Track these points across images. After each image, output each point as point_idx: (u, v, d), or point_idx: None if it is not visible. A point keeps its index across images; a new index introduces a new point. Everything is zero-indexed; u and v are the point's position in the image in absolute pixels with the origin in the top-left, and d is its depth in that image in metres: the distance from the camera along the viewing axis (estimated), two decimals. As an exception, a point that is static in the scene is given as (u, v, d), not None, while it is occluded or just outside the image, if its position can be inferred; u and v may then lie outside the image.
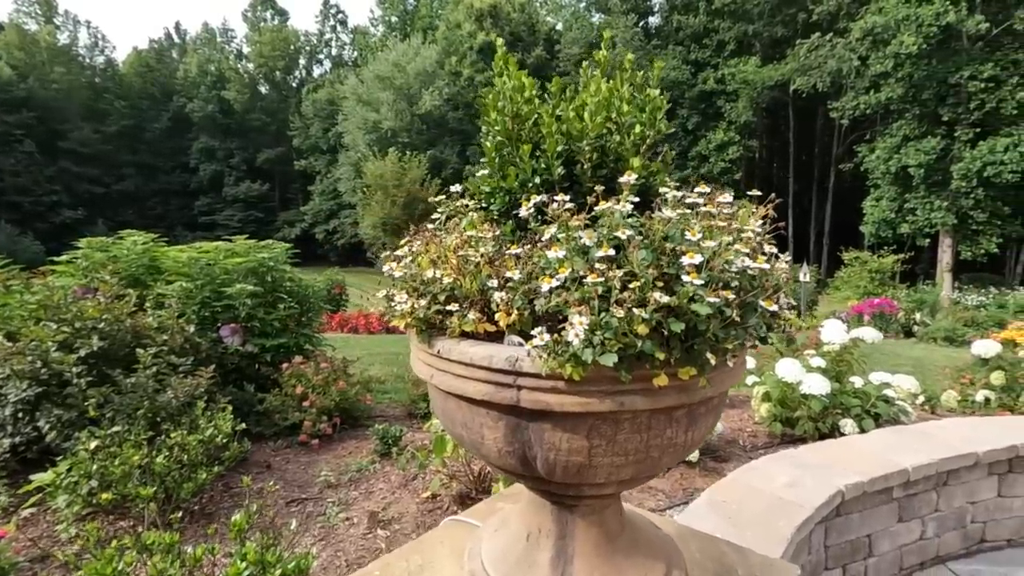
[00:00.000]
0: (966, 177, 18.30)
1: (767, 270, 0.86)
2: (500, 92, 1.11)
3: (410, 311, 0.99)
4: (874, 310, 10.71)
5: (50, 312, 3.43)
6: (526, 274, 0.92)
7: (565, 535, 1.08)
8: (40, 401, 3.10)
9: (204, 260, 4.48)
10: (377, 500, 3.16)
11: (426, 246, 1.07)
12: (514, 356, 0.87)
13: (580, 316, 0.79)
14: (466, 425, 0.99)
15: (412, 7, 48.73)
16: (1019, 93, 17.38)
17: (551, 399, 0.87)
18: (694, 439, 0.96)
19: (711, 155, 27.15)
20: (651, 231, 0.89)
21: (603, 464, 0.91)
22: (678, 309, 0.80)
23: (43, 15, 48.01)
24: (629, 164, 1.04)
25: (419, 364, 1.06)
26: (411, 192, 22.12)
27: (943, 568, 2.85)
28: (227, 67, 50.43)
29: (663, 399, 0.87)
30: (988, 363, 4.80)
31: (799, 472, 2.61)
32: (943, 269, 20.26)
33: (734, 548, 1.32)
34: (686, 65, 28.21)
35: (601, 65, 1.16)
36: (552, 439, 0.90)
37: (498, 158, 1.13)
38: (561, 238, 0.88)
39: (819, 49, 22.59)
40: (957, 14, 17.59)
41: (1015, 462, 2.92)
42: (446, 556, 1.30)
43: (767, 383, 4.00)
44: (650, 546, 1.15)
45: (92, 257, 4.48)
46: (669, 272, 0.83)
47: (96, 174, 42.20)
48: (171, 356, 3.50)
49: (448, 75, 33.29)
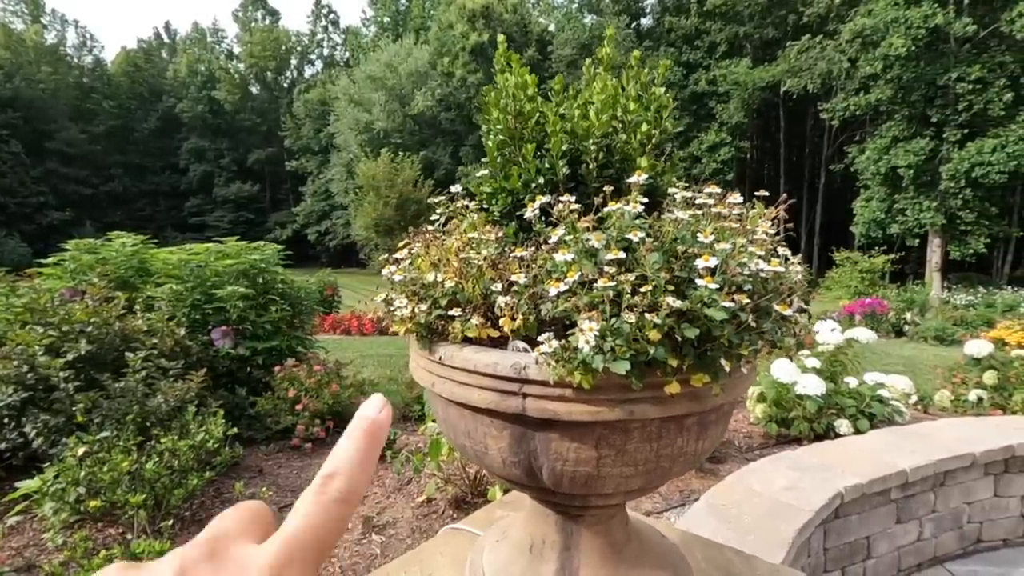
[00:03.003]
0: (954, 178, 18.50)
1: (782, 273, 0.84)
2: (502, 90, 1.08)
3: (410, 316, 0.95)
4: (865, 310, 10.77)
5: (37, 315, 3.37)
6: (531, 277, 0.89)
7: (570, 546, 1.05)
8: (26, 406, 3.03)
9: (195, 262, 4.42)
10: (371, 505, 3.12)
11: (426, 248, 1.04)
12: (520, 363, 0.84)
13: (590, 321, 0.76)
14: (469, 434, 0.96)
15: (404, 8, 48.58)
16: (1006, 95, 17.59)
17: (558, 407, 0.84)
18: (705, 448, 0.94)
19: (703, 156, 27.27)
20: (662, 233, 0.86)
21: (612, 474, 0.88)
22: (691, 314, 0.77)
23: (30, 14, 47.46)
24: (636, 164, 1.01)
25: (419, 371, 1.02)
26: (404, 193, 22.06)
27: (941, 569, 2.85)
28: (217, 67, 50.07)
29: (674, 407, 0.84)
30: (980, 363, 4.83)
31: (798, 474, 2.60)
32: (932, 269, 20.46)
33: (740, 556, 1.29)
34: (678, 66, 28.33)
35: (604, 63, 1.13)
36: (559, 449, 0.87)
37: (500, 158, 1.10)
38: (569, 240, 0.85)
39: (809, 51, 22.76)
40: (945, 17, 17.79)
41: (1011, 462, 2.93)
42: (446, 567, 1.27)
43: (762, 384, 4.00)
44: (656, 556, 1.13)
45: (80, 259, 4.40)
46: (681, 276, 0.80)
47: (84, 175, 41.73)
48: (161, 360, 3.44)
49: (440, 76, 33.20)
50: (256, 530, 0.27)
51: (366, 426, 0.30)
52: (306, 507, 0.27)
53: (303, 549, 0.25)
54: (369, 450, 0.30)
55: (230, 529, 0.26)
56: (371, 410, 0.31)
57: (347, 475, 0.28)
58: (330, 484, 0.28)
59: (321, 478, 0.28)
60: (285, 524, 0.26)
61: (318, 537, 0.26)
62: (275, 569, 0.24)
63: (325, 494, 0.27)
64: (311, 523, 0.26)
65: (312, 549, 0.26)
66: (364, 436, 0.30)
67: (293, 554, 0.25)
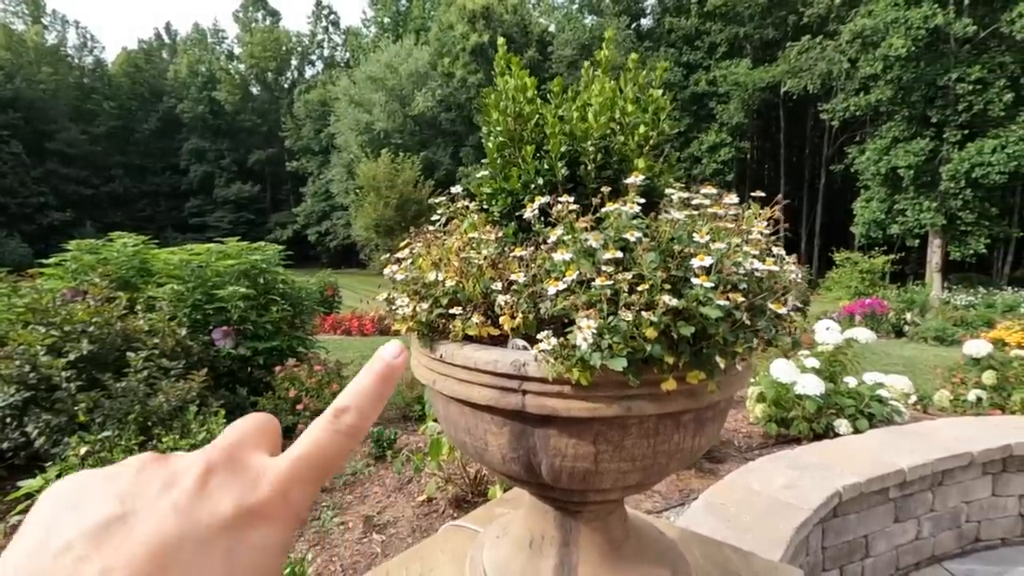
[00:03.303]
0: (955, 178, 18.51)
1: (776, 272, 0.85)
2: (502, 92, 1.09)
3: (412, 315, 0.97)
4: (865, 310, 10.78)
5: (39, 315, 3.38)
6: (531, 277, 0.90)
7: (569, 542, 1.07)
8: (28, 406, 3.05)
9: (196, 262, 4.43)
10: (372, 504, 3.14)
11: (427, 248, 1.05)
12: (520, 360, 0.86)
13: (588, 320, 0.77)
14: (469, 431, 0.98)
15: (404, 8, 48.61)
16: (1006, 95, 17.60)
17: (557, 404, 0.85)
18: (701, 444, 0.95)
19: (703, 156, 27.28)
20: (658, 233, 0.87)
21: (610, 470, 0.90)
22: (687, 312, 0.78)
23: (31, 15, 47.52)
24: (633, 165, 1.03)
25: (421, 369, 1.03)
26: (404, 193, 22.07)
27: (939, 568, 2.86)
28: (218, 68, 50.12)
29: (671, 404, 0.85)
30: (979, 363, 4.84)
31: (796, 473, 2.61)
32: (932, 269, 20.47)
33: (738, 553, 1.31)
34: (678, 67, 28.34)
35: (603, 65, 1.15)
36: (558, 445, 0.89)
37: (500, 159, 1.11)
38: (567, 240, 0.87)
39: (809, 51, 22.77)
40: (945, 17, 17.80)
41: (1009, 461, 2.94)
42: (447, 563, 1.28)
43: (762, 384, 4.01)
44: (654, 552, 1.14)
45: (81, 259, 4.42)
46: (677, 275, 0.81)
47: (84, 175, 41.79)
48: (162, 359, 3.46)
49: (441, 76, 33.22)
50: (266, 442, 0.29)
51: (381, 368, 0.33)
52: (317, 433, 0.29)
53: (310, 468, 0.28)
54: (382, 391, 0.32)
55: (246, 439, 0.29)
56: (388, 354, 0.33)
57: (358, 411, 0.31)
58: (342, 417, 0.30)
59: (334, 409, 0.30)
60: (296, 444, 0.29)
61: (324, 460, 0.29)
62: (284, 483, 0.27)
63: (336, 425, 0.30)
64: (320, 448, 0.29)
65: (318, 469, 0.28)
66: (379, 378, 0.32)
67: (302, 472, 0.28)
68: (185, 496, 0.24)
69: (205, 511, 0.24)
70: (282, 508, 0.26)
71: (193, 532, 0.23)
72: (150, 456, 0.27)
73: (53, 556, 0.22)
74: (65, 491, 0.25)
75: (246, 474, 0.27)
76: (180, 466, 0.26)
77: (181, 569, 0.22)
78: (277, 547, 0.26)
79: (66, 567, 0.21)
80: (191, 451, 0.27)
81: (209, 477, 0.26)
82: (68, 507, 0.24)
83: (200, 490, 0.25)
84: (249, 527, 0.25)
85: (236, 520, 0.25)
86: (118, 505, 0.23)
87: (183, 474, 0.25)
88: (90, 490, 0.25)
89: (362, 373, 0.33)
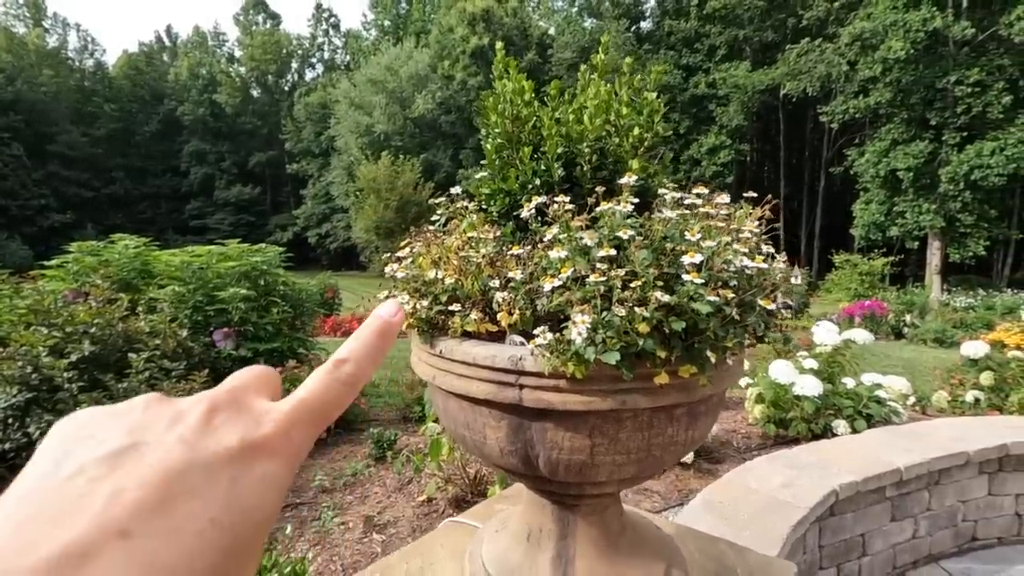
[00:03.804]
0: (954, 180, 18.56)
1: (765, 269, 0.88)
2: (500, 95, 1.12)
3: (412, 312, 0.99)
4: (865, 312, 10.80)
5: (40, 317, 3.40)
6: (528, 274, 0.93)
7: (566, 535, 1.09)
8: (30, 406, 3.07)
9: (197, 264, 4.45)
10: (372, 504, 3.15)
11: (427, 247, 1.07)
12: (517, 355, 0.88)
13: (582, 315, 0.80)
14: (468, 425, 1.00)
15: (405, 11, 48.74)
16: (1005, 97, 17.66)
17: (553, 398, 0.87)
18: (694, 438, 0.97)
19: (703, 159, 27.34)
20: (651, 231, 0.90)
21: (605, 463, 0.92)
22: (678, 308, 0.81)
23: (32, 17, 47.63)
24: (628, 165, 1.05)
25: (421, 365, 1.06)
26: (404, 195, 22.11)
27: (935, 566, 2.87)
28: (218, 70, 50.22)
29: (664, 397, 0.87)
30: (977, 364, 4.86)
31: (794, 472, 2.63)
32: (932, 271, 20.50)
33: (733, 548, 1.33)
34: (678, 69, 28.41)
35: (599, 69, 1.17)
36: (554, 438, 0.91)
37: (498, 160, 1.14)
38: (563, 238, 0.89)
39: (809, 54, 22.85)
40: (944, 20, 17.88)
41: (1005, 461, 2.95)
42: (446, 558, 1.30)
43: (760, 385, 4.03)
44: (650, 546, 1.16)
45: (83, 261, 4.45)
46: (669, 272, 0.84)
47: (85, 178, 41.83)
48: (163, 361, 3.48)
49: (441, 79, 33.29)
50: (267, 390, 0.31)
51: (379, 324, 0.35)
52: (317, 382, 0.31)
53: (310, 412, 0.30)
54: (380, 345, 0.34)
55: (249, 385, 0.30)
56: (386, 312, 0.35)
57: (356, 362, 0.32)
58: (341, 367, 0.32)
59: (334, 361, 0.32)
60: (297, 391, 0.31)
61: (324, 407, 0.30)
62: (285, 424, 0.28)
63: (335, 374, 0.31)
64: (319, 395, 0.30)
65: (318, 414, 0.30)
66: (376, 333, 0.34)
67: (302, 415, 0.29)
68: (191, 431, 0.26)
69: (211, 442, 0.26)
70: (285, 444, 0.28)
71: (200, 459, 0.25)
72: (155, 396, 0.28)
73: (66, 478, 0.23)
74: (75, 425, 0.27)
75: (250, 413, 0.28)
76: (185, 405, 0.28)
77: (188, 493, 0.23)
78: (279, 481, 0.27)
79: (78, 487, 0.22)
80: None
81: (214, 415, 0.27)
82: (79, 439, 0.25)
83: (205, 425, 0.26)
84: (253, 460, 0.26)
85: (241, 452, 0.26)
86: (127, 437, 0.25)
87: (188, 412, 0.27)
88: (99, 424, 0.26)
89: (361, 328, 0.35)
